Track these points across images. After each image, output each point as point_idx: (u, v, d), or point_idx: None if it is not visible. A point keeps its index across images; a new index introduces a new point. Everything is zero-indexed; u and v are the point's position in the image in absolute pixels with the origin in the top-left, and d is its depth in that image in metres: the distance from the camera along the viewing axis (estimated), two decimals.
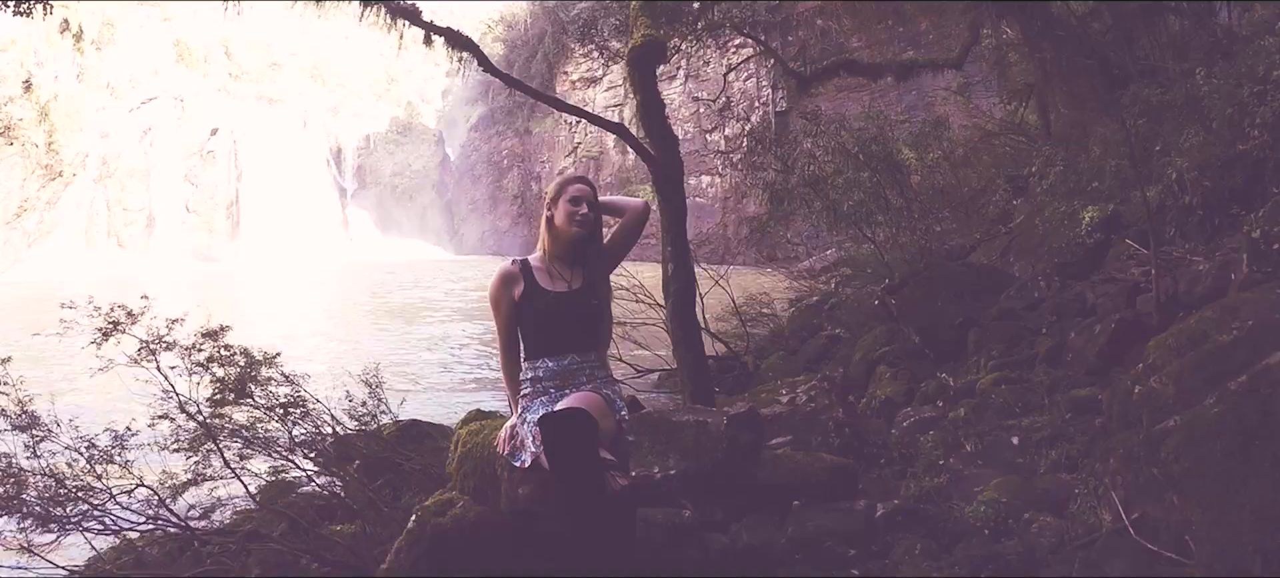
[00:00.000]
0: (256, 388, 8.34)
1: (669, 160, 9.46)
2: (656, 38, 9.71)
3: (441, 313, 35.62)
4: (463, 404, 17.58)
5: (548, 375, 4.68)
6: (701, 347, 9.48)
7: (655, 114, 9.59)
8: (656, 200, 9.34)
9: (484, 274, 53.53)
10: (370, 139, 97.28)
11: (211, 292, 49.90)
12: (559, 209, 4.78)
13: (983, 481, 5.75)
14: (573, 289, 4.75)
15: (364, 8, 9.48)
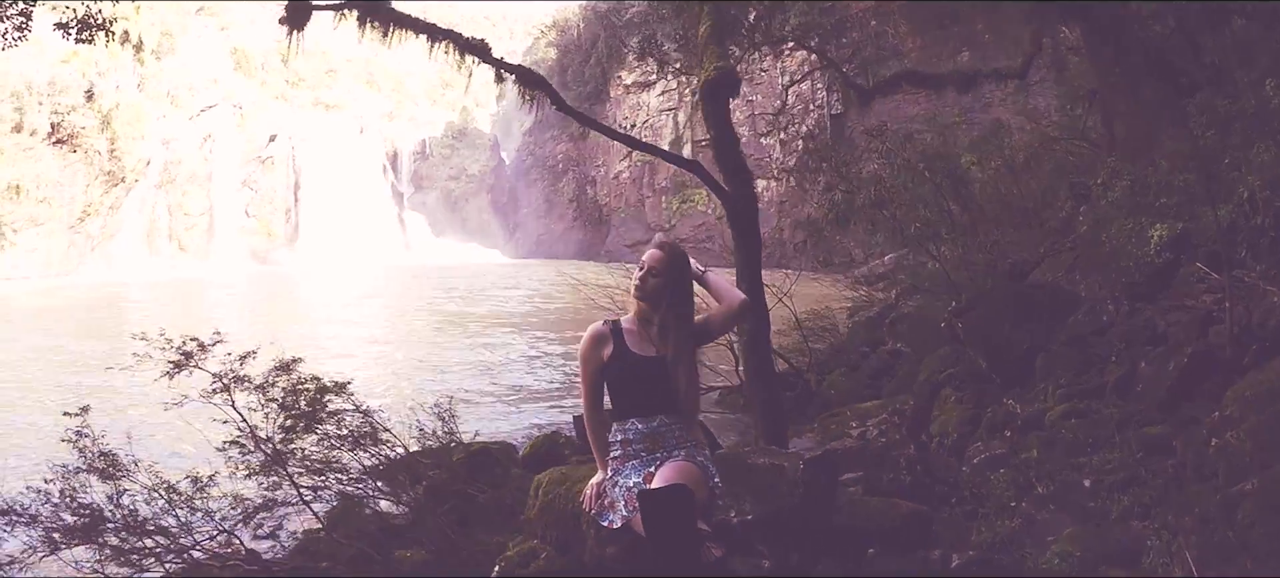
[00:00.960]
0: (326, 417, 8.48)
1: (743, 196, 9.19)
2: (729, 69, 9.40)
3: (498, 321, 35.60)
4: (522, 418, 17.69)
5: (638, 438, 4.73)
6: (777, 386, 9.28)
7: (730, 148, 9.32)
8: (731, 235, 9.24)
9: (540, 280, 53.68)
10: (426, 144, 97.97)
11: (270, 297, 50.54)
12: (635, 277, 4.86)
13: (1055, 528, 5.70)
14: (661, 354, 4.77)
15: (432, 44, 9.24)
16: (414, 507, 8.35)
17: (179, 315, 42.82)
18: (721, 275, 5.22)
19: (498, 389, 21.00)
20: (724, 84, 9.35)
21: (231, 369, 8.45)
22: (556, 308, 39.07)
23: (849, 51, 22.11)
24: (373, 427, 8.73)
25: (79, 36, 12.93)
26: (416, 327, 34.85)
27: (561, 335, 29.58)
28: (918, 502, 6.78)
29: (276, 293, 53.56)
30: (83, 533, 7.42)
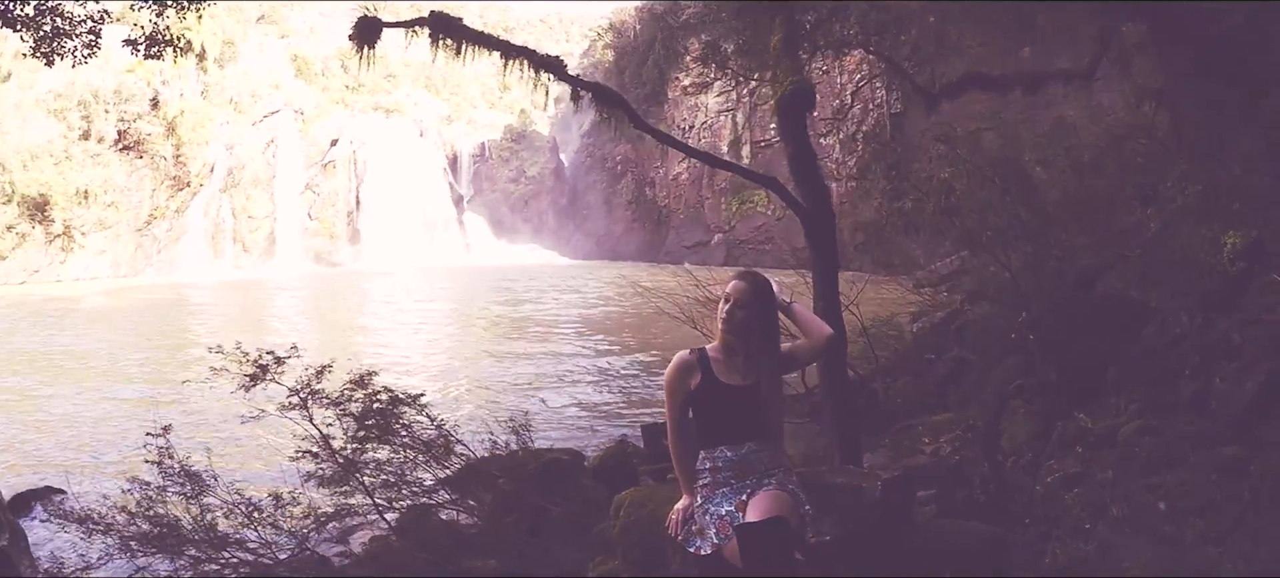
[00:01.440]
0: (399, 427, 8.61)
1: (820, 212, 9.04)
2: (804, 82, 9.23)
3: (560, 324, 35.78)
4: (587, 424, 17.73)
5: (727, 465, 4.77)
6: (853, 404, 9.17)
7: (807, 164, 9.18)
8: (809, 252, 9.13)
9: (601, 282, 53.75)
10: (485, 147, 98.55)
11: (333, 300, 51.04)
12: (720, 306, 4.89)
13: (1130, 553, 5.64)
14: (748, 383, 4.82)
15: (506, 61, 9.18)
16: (484, 516, 8.41)
17: (243, 318, 43.58)
18: (805, 305, 5.25)
19: (561, 394, 21.11)
20: (800, 98, 9.19)
21: (308, 383, 8.61)
22: (618, 311, 39.09)
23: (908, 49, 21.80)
24: (446, 439, 8.85)
25: (148, 53, 13.29)
26: (478, 330, 35.08)
27: (623, 340, 29.59)
28: (992, 522, 6.75)
29: (339, 295, 54.11)
30: (159, 543, 7.59)
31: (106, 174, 73.79)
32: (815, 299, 8.89)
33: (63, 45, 12.65)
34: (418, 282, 61.53)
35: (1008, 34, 23.61)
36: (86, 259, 72.83)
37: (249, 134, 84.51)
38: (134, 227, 76.37)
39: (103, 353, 31.31)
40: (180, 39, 13.86)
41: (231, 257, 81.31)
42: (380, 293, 54.70)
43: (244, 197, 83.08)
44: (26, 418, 20.85)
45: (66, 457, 16.93)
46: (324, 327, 38.80)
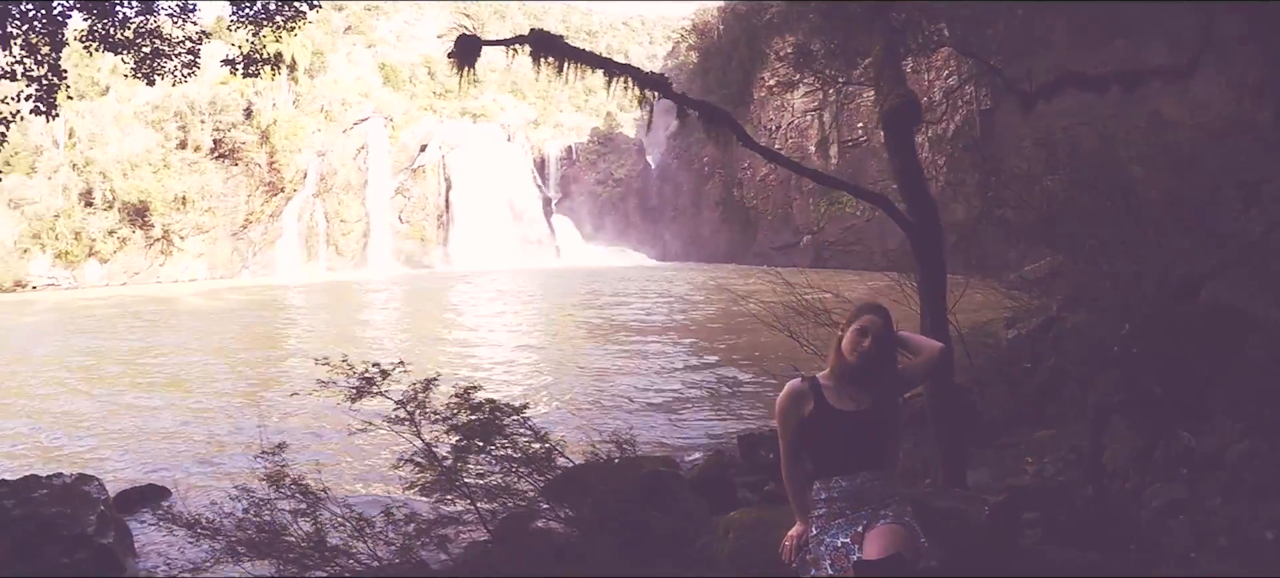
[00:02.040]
0: (500, 437, 8.71)
1: (928, 227, 8.74)
2: (910, 95, 9.02)
3: (650, 327, 35.74)
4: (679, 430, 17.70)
5: (842, 496, 4.75)
6: (962, 426, 8.95)
7: (914, 178, 8.91)
8: (916, 269, 8.95)
9: (690, 284, 53.70)
10: (572, 150, 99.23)
11: (424, 302, 51.71)
12: (847, 337, 4.87)
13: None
14: (861, 409, 4.79)
15: (610, 79, 8.95)
16: (581, 526, 8.42)
17: (337, 319, 44.37)
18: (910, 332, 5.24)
19: (654, 400, 21.04)
20: (907, 112, 8.99)
21: (415, 396, 8.76)
22: (708, 315, 39.02)
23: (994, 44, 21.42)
24: (548, 451, 8.90)
25: (246, 72, 13.63)
26: (569, 333, 35.16)
27: (714, 345, 29.52)
28: (1095, 548, 6.60)
29: (430, 298, 54.77)
30: (266, 550, 7.75)
31: (203, 181, 76.46)
32: (922, 313, 8.72)
33: (163, 65, 13.02)
34: (508, 284, 62.13)
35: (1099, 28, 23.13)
36: (185, 262, 75.64)
37: (340, 141, 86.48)
38: (230, 231, 79.13)
39: (201, 353, 32.15)
40: (277, 57, 14.19)
41: (325, 259, 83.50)
42: (471, 295, 55.34)
43: (336, 201, 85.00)
44: (128, 416, 21.38)
45: (169, 456, 17.43)
46: (416, 329, 39.29)
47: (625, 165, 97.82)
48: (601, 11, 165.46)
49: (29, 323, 45.31)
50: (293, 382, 24.31)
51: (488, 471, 8.73)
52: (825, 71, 16.80)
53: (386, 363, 9.22)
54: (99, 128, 74.37)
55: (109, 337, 38.02)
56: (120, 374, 27.86)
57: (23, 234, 69.34)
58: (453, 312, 46.33)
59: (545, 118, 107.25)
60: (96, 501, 12.07)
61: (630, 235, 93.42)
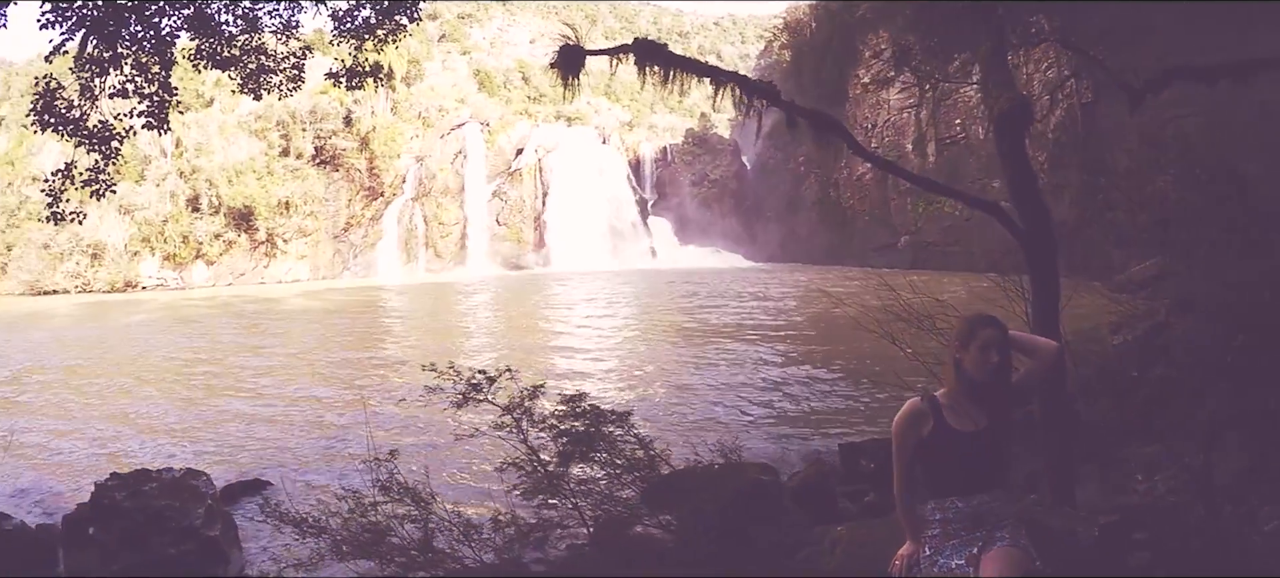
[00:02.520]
0: (603, 443, 8.80)
1: (1041, 236, 8.51)
2: (1021, 99, 8.79)
3: (746, 330, 35.55)
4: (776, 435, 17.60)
5: (958, 517, 4.74)
6: (1073, 442, 8.73)
7: (1026, 186, 8.69)
8: (1029, 278, 8.75)
9: (786, 286, 53.41)
10: (667, 151, 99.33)
11: (521, 303, 52.16)
12: (969, 355, 4.79)
13: None
14: (980, 428, 4.75)
15: (717, 88, 8.84)
16: (681, 532, 8.43)
17: (436, 319, 45.03)
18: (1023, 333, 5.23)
19: (751, 404, 20.96)
20: (1017, 116, 8.75)
21: (521, 402, 8.89)
22: (804, 318, 38.70)
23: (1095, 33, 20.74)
24: (651, 458, 8.95)
25: (349, 84, 13.91)
26: (665, 334, 35.10)
27: (811, 349, 29.28)
28: (1206, 573, 6.39)
29: (527, 299, 55.26)
30: (372, 551, 7.91)
31: (305, 186, 78.67)
32: (1033, 324, 8.46)
33: (268, 81, 13.31)
34: (604, 285, 62.47)
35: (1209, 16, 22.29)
36: (288, 263, 78.08)
37: (438, 146, 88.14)
38: (332, 233, 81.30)
39: (305, 351, 32.96)
40: (379, 69, 14.45)
41: (423, 261, 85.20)
42: (567, 296, 55.83)
43: (435, 204, 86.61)
44: (233, 413, 22.05)
45: (274, 452, 17.95)
46: (515, 330, 39.65)
47: (720, 166, 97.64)
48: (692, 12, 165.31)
49: (139, 321, 46.97)
50: (396, 380, 24.74)
51: (590, 476, 8.82)
52: (922, 69, 16.49)
53: (491, 369, 9.37)
54: (205, 138, 77.22)
55: (215, 335, 39.27)
56: (226, 371, 28.73)
57: (133, 238, 72.31)
58: (550, 312, 46.69)
59: (639, 119, 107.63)
60: (204, 495, 12.48)
61: (726, 236, 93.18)
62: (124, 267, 71.95)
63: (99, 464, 16.76)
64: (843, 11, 73.42)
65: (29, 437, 19.77)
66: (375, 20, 13.34)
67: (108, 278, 71.01)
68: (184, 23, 11.94)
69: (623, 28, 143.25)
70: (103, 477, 12.95)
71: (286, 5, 13.03)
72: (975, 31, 10.16)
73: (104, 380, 27.40)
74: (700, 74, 8.95)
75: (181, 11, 11.82)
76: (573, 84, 9.05)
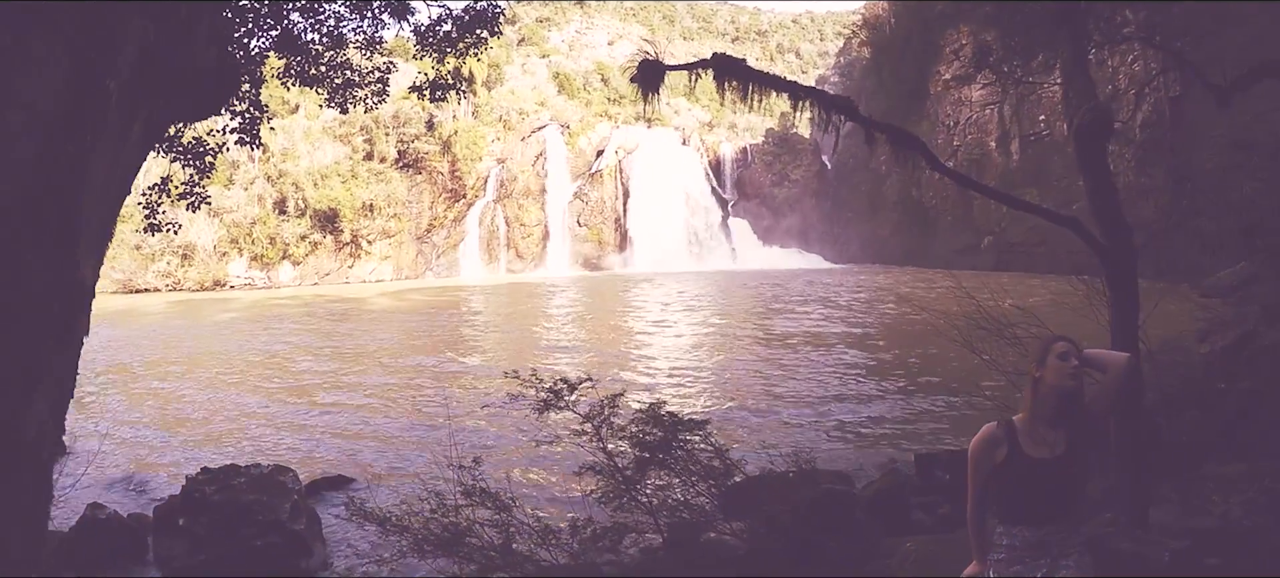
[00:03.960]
0: (679, 448, 8.96)
1: (1121, 250, 8.35)
2: (1101, 108, 8.64)
3: (825, 334, 35.39)
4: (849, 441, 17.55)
5: (1025, 545, 4.79)
6: (1150, 464, 8.48)
7: (1106, 198, 8.50)
8: (1107, 294, 8.55)
9: (867, 289, 53.03)
10: (748, 151, 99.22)
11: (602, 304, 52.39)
12: (1049, 368, 4.82)
13: None
14: (1056, 455, 4.77)
15: (795, 102, 8.92)
16: (754, 539, 8.53)
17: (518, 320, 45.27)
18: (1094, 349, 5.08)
19: (827, 411, 20.80)
20: (1097, 126, 8.60)
21: (602, 410, 9.08)
22: (886, 322, 38.37)
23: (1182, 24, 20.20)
24: (726, 466, 9.08)
25: (432, 97, 14.21)
26: (744, 337, 35.02)
27: (890, 355, 29.06)
28: None
29: (607, 299, 55.51)
30: (450, 550, 8.14)
31: (389, 189, 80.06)
32: (1112, 338, 8.34)
33: (355, 94, 13.63)
34: (684, 286, 62.55)
35: None
36: (372, 264, 79.56)
37: (519, 148, 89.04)
38: (415, 235, 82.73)
39: (390, 350, 33.54)
40: (460, 83, 14.73)
41: (505, 261, 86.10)
42: (647, 297, 55.94)
43: (516, 206, 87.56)
44: (319, 409, 22.70)
45: (357, 450, 18.39)
46: (594, 331, 39.66)
47: (800, 166, 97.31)
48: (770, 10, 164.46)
49: (227, 319, 48.08)
50: (478, 384, 25.03)
51: (666, 483, 8.96)
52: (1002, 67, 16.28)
53: (573, 376, 9.55)
54: (291, 143, 78.87)
55: (301, 334, 40.15)
56: (311, 370, 29.37)
57: (221, 239, 74.17)
58: (629, 313, 46.76)
59: (720, 119, 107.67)
60: (291, 490, 12.97)
61: (807, 237, 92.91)
62: (213, 267, 74.01)
63: (190, 459, 17.32)
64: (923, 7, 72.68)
65: (123, 431, 20.47)
66: (456, 34, 13.58)
67: (197, 277, 72.97)
68: (272, 43, 12.27)
69: (700, 27, 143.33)
70: (193, 471, 13.51)
71: (370, 22, 13.30)
72: (1055, 32, 10.04)
73: (195, 376, 28.22)
74: (778, 89, 8.97)
75: (269, 33, 12.15)
76: (653, 98, 9.27)
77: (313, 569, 12.03)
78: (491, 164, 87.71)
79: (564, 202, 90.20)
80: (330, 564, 12.22)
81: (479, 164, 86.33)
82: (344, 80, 13.53)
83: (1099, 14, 14.29)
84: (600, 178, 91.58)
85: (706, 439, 9.32)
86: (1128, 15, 15.71)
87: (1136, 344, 8.47)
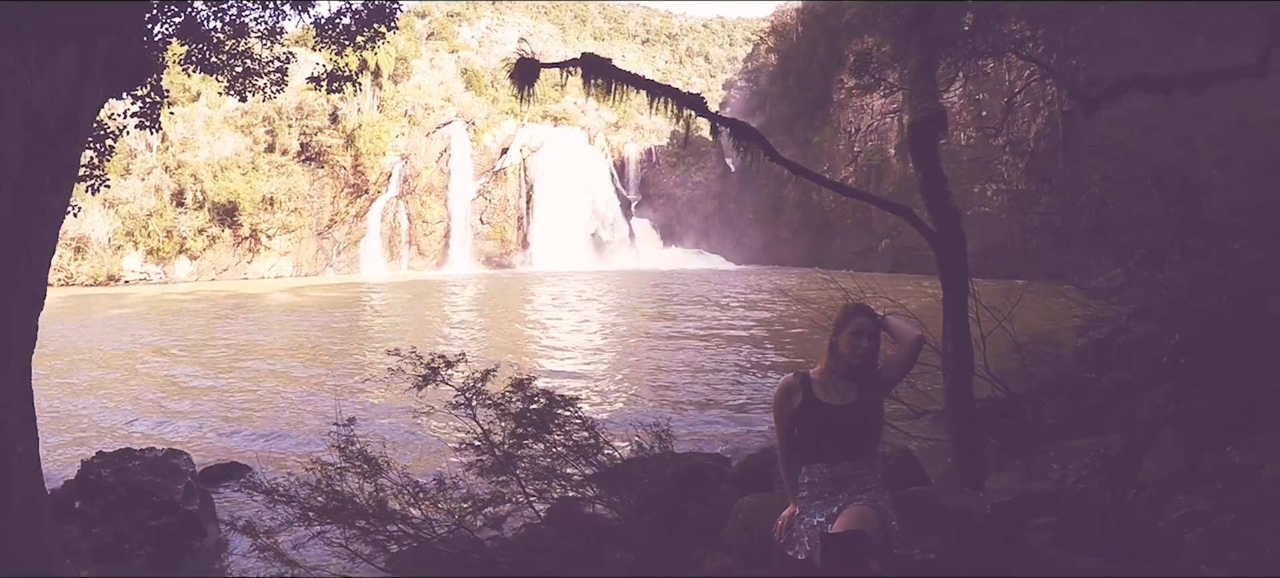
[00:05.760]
0: (554, 428, 9.20)
1: (950, 238, 9.21)
2: (935, 109, 9.51)
3: (718, 329, 35.86)
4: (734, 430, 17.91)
5: (822, 481, 5.21)
6: (977, 426, 9.39)
7: (937, 189, 9.40)
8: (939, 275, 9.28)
9: (764, 289, 53.66)
10: (652, 153, 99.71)
11: (499, 301, 52.41)
12: (843, 340, 5.33)
13: None
14: (847, 403, 5.24)
15: (652, 99, 9.72)
16: (626, 512, 8.89)
17: (416, 316, 45.20)
18: (897, 316, 5.65)
19: (713, 400, 21.28)
20: (931, 125, 9.47)
21: (474, 385, 9.28)
22: (779, 319, 38.91)
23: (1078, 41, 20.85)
24: (596, 439, 9.36)
25: (329, 88, 14.30)
26: (639, 334, 35.35)
27: (781, 351, 29.54)
28: (1106, 556, 6.78)
29: (507, 297, 55.37)
30: (334, 515, 8.33)
31: (290, 182, 78.73)
32: (945, 321, 9.02)
33: (254, 83, 13.67)
34: (584, 285, 62.67)
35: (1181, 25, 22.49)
36: (271, 259, 78.23)
37: (423, 144, 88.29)
38: (315, 230, 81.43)
39: (287, 345, 33.25)
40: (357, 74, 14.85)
41: (406, 259, 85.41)
42: (547, 296, 55.94)
43: (419, 202, 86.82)
44: (215, 400, 22.49)
45: (252, 437, 18.42)
46: (492, 327, 39.75)
47: (704, 168, 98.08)
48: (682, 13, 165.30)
49: (121, 315, 46.89)
50: (369, 372, 25.03)
51: (541, 456, 9.23)
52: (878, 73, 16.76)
53: (451, 354, 9.74)
54: (190, 132, 77.23)
55: (198, 328, 39.42)
56: (207, 362, 29.04)
57: (117, 232, 72.36)
58: (528, 311, 46.81)
59: (625, 121, 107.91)
60: (184, 472, 12.95)
61: (709, 238, 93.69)
62: (107, 261, 71.87)
63: (85, 446, 17.06)
64: (830, 15, 73.85)
65: None
66: (355, 28, 13.73)
67: (90, 272, 70.85)
68: (175, 29, 12.27)
69: (612, 28, 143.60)
70: (89, 456, 13.35)
71: (272, 12, 13.34)
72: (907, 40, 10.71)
73: (89, 369, 27.64)
74: (637, 87, 9.85)
75: (173, 20, 12.15)
76: (529, 94, 9.96)
77: (206, 549, 12.08)
78: (395, 159, 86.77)
79: (467, 199, 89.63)
80: (225, 545, 12.26)
81: (382, 159, 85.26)
82: (244, 69, 13.58)
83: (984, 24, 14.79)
84: (504, 176, 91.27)
85: (579, 417, 9.63)
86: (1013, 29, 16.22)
87: (966, 320, 9.33)
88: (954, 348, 9.24)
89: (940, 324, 9.57)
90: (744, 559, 6.86)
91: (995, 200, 60.94)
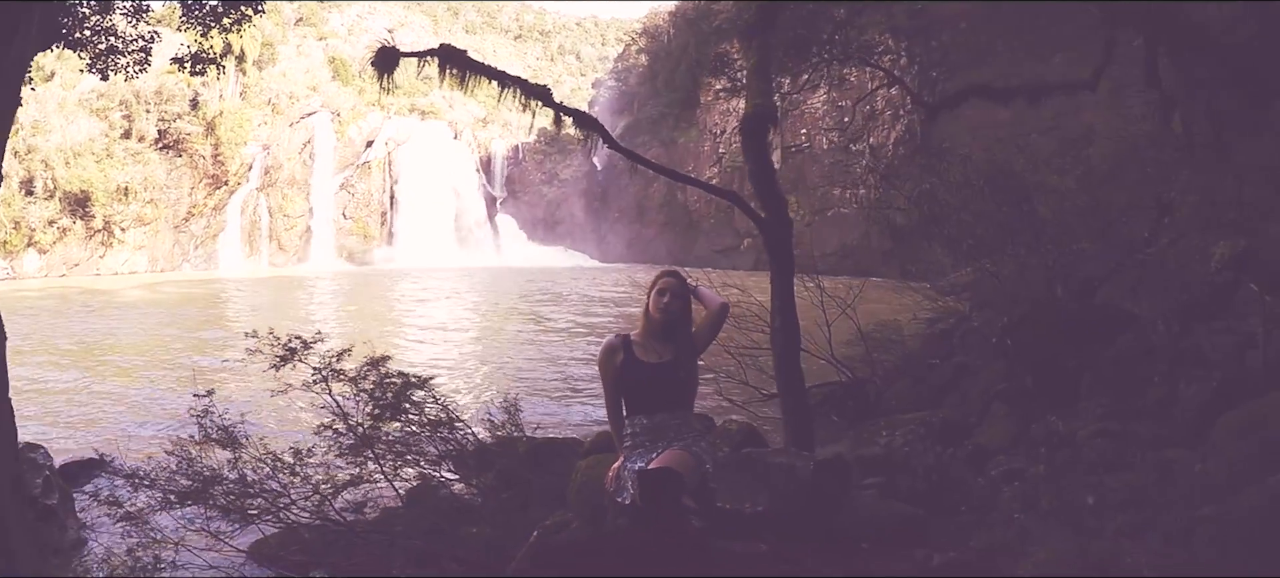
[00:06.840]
0: (410, 407, 9.38)
1: (778, 223, 10.11)
2: (766, 105, 10.34)
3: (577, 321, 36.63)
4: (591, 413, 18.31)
5: (643, 431, 5.70)
6: (804, 394, 10.17)
7: (765, 179, 10.34)
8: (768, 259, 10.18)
9: (627, 285, 54.13)
10: (519, 149, 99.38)
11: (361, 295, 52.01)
12: (651, 299, 5.89)
13: (1044, 540, 5.97)
14: (664, 361, 5.77)
15: (502, 89, 10.45)
16: (483, 491, 9.18)
17: (276, 311, 44.47)
18: (707, 288, 6.24)
19: (571, 386, 22.12)
20: (762, 119, 10.38)
21: (329, 363, 9.40)
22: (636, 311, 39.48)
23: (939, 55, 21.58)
24: (449, 416, 9.59)
25: (193, 70, 14.11)
26: (497, 324, 35.98)
27: None
28: (928, 509, 7.31)
29: (369, 293, 54.84)
30: (195, 494, 8.36)
31: (146, 172, 75.36)
32: (773, 297, 9.86)
33: (117, 62, 13.41)
34: (447, 282, 62.24)
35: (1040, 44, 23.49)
36: (125, 254, 74.62)
37: (286, 134, 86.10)
38: (172, 223, 78.21)
39: (141, 341, 32.53)
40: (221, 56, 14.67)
41: (267, 254, 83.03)
42: (409, 291, 55.52)
43: (280, 195, 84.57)
44: (70, 397, 22.00)
45: (111, 433, 17.88)
46: (351, 320, 39.56)
47: (571, 166, 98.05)
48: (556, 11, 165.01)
49: None
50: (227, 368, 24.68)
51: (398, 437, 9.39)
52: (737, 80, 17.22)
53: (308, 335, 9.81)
54: (43, 115, 72.70)
55: (51, 326, 37.96)
56: (62, 357, 28.38)
57: None
58: (391, 306, 46.53)
59: (494, 116, 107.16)
60: (42, 466, 12.70)
61: (574, 236, 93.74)
62: None
63: None
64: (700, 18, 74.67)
65: None
66: (221, 8, 13.59)
67: None
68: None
69: (484, 22, 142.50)
70: None
71: None
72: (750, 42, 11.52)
73: None
74: (489, 77, 10.55)
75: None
76: (389, 83, 10.61)
77: (67, 543, 11.84)
78: (257, 149, 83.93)
79: (330, 193, 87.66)
80: (85, 541, 12.02)
81: (244, 149, 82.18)
82: (107, 46, 13.30)
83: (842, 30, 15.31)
84: (369, 170, 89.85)
85: (431, 393, 9.88)
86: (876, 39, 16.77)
87: (792, 300, 10.13)
88: (781, 322, 10.02)
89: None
90: (583, 515, 7.36)
91: (852, 202, 62.52)
